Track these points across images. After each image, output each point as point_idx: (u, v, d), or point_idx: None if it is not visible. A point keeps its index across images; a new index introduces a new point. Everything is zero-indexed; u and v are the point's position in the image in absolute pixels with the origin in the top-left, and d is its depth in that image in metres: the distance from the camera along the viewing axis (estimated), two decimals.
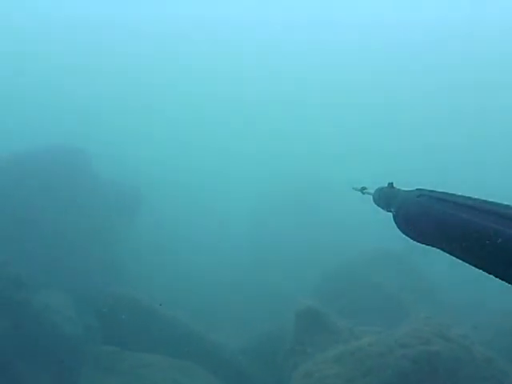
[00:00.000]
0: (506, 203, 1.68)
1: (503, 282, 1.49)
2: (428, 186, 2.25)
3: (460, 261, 1.73)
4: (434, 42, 55.71)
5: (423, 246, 1.94)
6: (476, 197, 1.84)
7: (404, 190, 2.63)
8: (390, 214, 2.44)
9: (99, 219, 16.96)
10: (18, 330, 10.47)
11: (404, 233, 2.34)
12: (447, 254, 1.81)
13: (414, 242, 2.05)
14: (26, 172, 16.36)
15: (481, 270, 1.60)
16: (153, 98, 53.99)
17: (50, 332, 11.31)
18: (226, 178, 38.31)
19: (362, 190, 3.83)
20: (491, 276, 1.52)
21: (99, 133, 36.49)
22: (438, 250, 1.94)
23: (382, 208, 2.99)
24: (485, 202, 1.77)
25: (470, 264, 1.70)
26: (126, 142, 36.92)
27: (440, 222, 1.91)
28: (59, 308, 12.44)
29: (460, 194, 1.96)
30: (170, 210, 27.54)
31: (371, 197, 3.40)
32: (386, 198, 2.91)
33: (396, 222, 2.42)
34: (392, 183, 2.99)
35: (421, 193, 2.26)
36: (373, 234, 22.38)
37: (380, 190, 3.20)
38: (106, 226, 16.97)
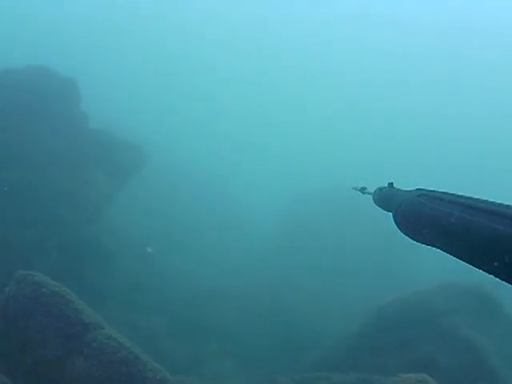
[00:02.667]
0: (506, 203, 1.69)
1: None
2: (428, 185, 2.27)
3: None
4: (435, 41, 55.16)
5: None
6: (476, 197, 1.85)
7: (404, 190, 2.65)
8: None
9: (74, 173, 12.28)
10: None
11: (403, 232, 2.36)
12: None
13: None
14: None
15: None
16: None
17: None
18: (255, 171, 34.17)
19: (362, 189, 3.83)
20: None
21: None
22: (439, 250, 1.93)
23: (382, 208, 3.03)
24: (485, 201, 1.79)
25: (469, 264, 1.71)
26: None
27: (440, 221, 1.93)
28: None
29: (460, 193, 1.97)
30: (174, 191, 22.80)
31: (371, 197, 3.41)
32: (386, 197, 2.94)
33: (396, 222, 2.43)
34: (392, 183, 3.01)
35: (421, 192, 2.27)
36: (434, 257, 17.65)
37: (380, 190, 3.22)
38: (80, 186, 12.23)
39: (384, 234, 20.53)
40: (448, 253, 1.87)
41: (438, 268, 17.20)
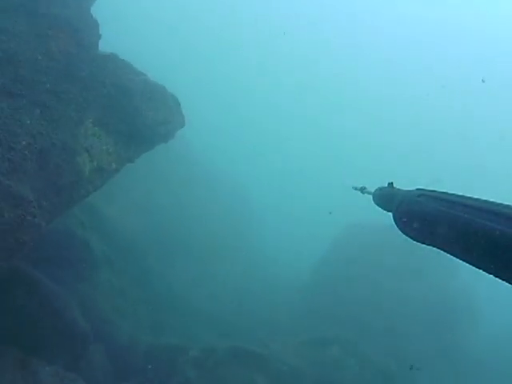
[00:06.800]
0: (506, 203, 1.74)
1: None
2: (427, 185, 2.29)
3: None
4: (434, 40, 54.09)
5: None
6: (476, 197, 1.91)
7: (404, 190, 2.68)
8: None
9: (60, 120, 6.56)
10: None
11: (403, 232, 2.40)
12: None
13: None
14: None
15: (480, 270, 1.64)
16: None
17: None
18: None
19: (362, 189, 4.01)
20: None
21: None
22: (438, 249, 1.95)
23: (382, 208, 3.07)
24: (485, 201, 1.87)
25: (469, 264, 1.77)
26: None
27: (440, 221, 1.97)
28: None
29: (460, 193, 2.02)
30: None
31: (371, 196, 3.50)
32: (386, 197, 2.98)
33: (396, 222, 2.47)
34: (392, 183, 3.07)
35: (421, 192, 2.34)
36: None
37: (380, 190, 3.29)
38: (64, 143, 6.54)
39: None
40: (448, 253, 1.93)
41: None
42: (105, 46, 7.91)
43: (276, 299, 17.20)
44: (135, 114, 7.78)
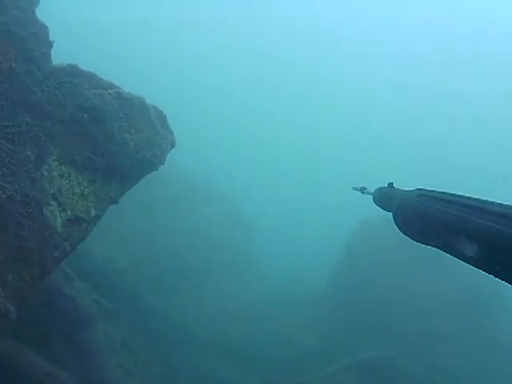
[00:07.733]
0: (506, 203, 1.69)
1: None
2: (428, 185, 2.22)
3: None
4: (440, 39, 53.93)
5: None
6: (476, 197, 1.86)
7: (404, 190, 2.67)
8: None
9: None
10: None
11: (404, 232, 2.37)
12: None
13: None
14: None
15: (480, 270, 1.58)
16: None
17: None
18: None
19: (362, 190, 3.96)
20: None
21: None
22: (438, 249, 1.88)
23: (382, 208, 3.03)
24: (485, 201, 1.83)
25: (469, 264, 1.74)
26: None
27: (440, 221, 1.95)
28: None
29: (460, 193, 1.98)
30: None
31: (371, 197, 3.46)
32: (386, 197, 2.96)
33: (396, 222, 2.46)
34: (392, 183, 3.03)
35: (421, 193, 2.30)
36: None
37: (380, 190, 3.25)
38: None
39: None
40: (448, 253, 1.90)
41: None
42: (58, 55, 6.10)
43: (293, 316, 15.58)
44: (110, 141, 5.97)
